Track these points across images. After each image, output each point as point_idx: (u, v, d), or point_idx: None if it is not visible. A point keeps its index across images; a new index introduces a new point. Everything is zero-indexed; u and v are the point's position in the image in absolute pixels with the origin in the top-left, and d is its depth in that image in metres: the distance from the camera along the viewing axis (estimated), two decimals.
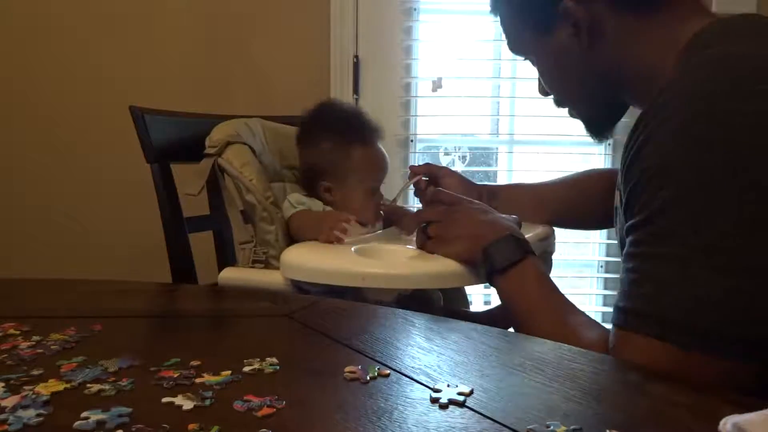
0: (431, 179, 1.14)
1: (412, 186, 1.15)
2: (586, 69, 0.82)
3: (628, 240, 0.68)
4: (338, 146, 1.10)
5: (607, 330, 0.74)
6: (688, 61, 0.70)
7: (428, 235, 0.93)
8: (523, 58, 0.93)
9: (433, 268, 0.90)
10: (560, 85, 0.89)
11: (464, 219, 0.91)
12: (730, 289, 0.60)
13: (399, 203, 1.16)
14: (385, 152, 1.14)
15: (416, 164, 1.22)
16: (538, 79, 0.92)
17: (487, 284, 0.88)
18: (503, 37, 0.94)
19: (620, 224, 0.76)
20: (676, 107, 0.65)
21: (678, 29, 0.74)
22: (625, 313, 0.66)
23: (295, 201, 1.07)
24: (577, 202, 1.14)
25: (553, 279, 0.85)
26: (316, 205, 1.09)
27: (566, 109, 0.93)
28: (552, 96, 0.91)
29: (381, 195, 1.14)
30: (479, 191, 1.14)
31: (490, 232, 0.87)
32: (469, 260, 0.88)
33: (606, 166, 1.83)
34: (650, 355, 0.63)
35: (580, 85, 0.85)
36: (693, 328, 0.61)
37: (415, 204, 1.59)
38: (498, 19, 0.93)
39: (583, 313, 0.80)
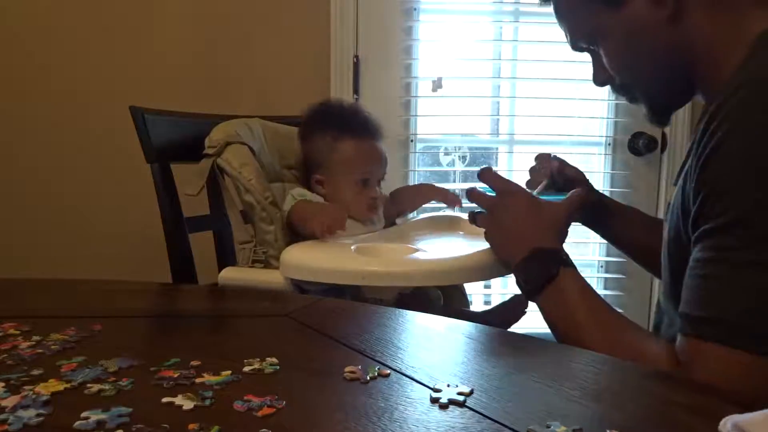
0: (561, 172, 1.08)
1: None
2: (661, 43, 0.77)
3: (703, 244, 0.65)
4: (328, 139, 1.10)
5: (668, 341, 0.71)
6: (764, 58, 0.67)
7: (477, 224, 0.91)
8: (585, 47, 0.87)
9: (432, 266, 0.90)
10: (631, 62, 0.82)
11: (500, 221, 0.87)
12: None
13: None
14: (380, 146, 1.13)
15: (545, 153, 1.13)
16: (595, 67, 0.87)
17: (488, 284, 0.88)
18: (562, 33, 0.88)
19: (673, 223, 0.73)
20: (754, 108, 0.62)
21: (750, 18, 0.71)
22: (706, 323, 0.62)
23: (297, 194, 1.07)
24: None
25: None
26: (317, 200, 1.09)
27: (624, 100, 0.88)
28: (615, 80, 0.85)
29: (376, 189, 1.13)
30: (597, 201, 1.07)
31: (519, 246, 0.83)
32: (508, 269, 0.86)
33: (606, 167, 1.84)
34: (735, 367, 0.60)
35: (653, 61, 0.80)
36: None
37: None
38: (552, 8, 0.87)
39: (635, 325, 0.77)
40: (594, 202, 1.05)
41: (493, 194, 0.90)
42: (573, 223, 1.04)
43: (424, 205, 1.32)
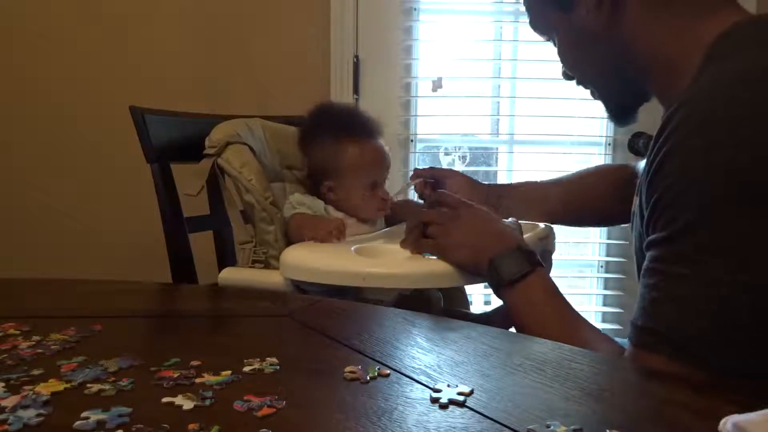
0: (436, 182, 1.13)
1: (413, 188, 1.15)
2: (605, 49, 0.79)
3: (649, 254, 0.67)
4: (333, 145, 1.10)
5: (620, 346, 0.73)
6: (715, 68, 0.67)
7: (425, 235, 0.92)
8: (545, 39, 0.90)
9: (433, 268, 0.90)
10: (579, 64, 0.86)
11: (468, 226, 0.90)
12: (753, 310, 0.59)
13: (402, 195, 1.16)
14: (383, 147, 1.14)
15: (420, 167, 1.20)
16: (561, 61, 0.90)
17: (488, 285, 0.88)
18: (523, 18, 0.94)
19: (637, 230, 0.74)
20: (699, 125, 0.63)
21: (705, 22, 0.71)
22: (644, 332, 0.65)
23: (296, 202, 1.07)
24: (584, 198, 1.14)
25: (554, 280, 0.84)
26: (317, 205, 1.09)
27: (588, 92, 0.91)
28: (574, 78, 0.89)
29: (385, 190, 1.14)
30: (486, 193, 1.13)
31: (496, 243, 0.85)
32: (473, 270, 0.87)
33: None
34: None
35: (599, 66, 0.83)
36: (715, 350, 0.60)
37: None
38: None
39: (593, 328, 0.79)
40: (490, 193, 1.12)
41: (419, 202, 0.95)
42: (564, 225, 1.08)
43: None
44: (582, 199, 1.14)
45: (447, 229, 0.90)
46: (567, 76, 0.90)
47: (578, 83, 0.89)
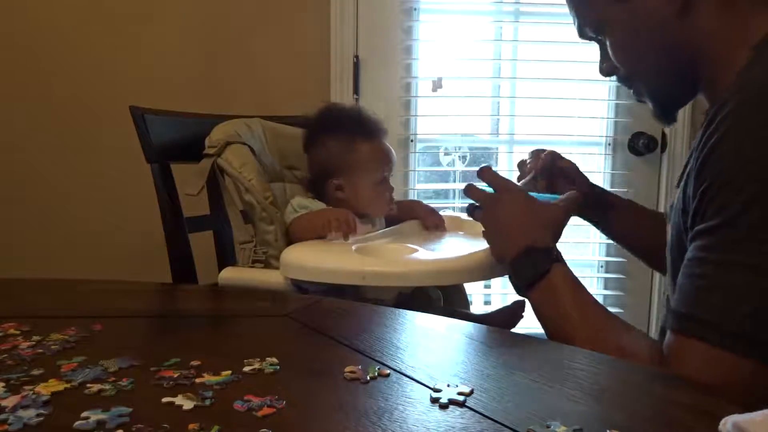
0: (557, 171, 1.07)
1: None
2: (668, 38, 0.77)
3: (696, 244, 0.66)
4: (344, 143, 1.11)
5: (653, 340, 0.72)
6: (766, 61, 0.67)
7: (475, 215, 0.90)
8: (591, 39, 0.87)
9: (432, 266, 0.90)
10: (636, 54, 0.82)
11: (496, 218, 0.87)
12: None
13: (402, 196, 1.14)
14: (388, 144, 1.16)
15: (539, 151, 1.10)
16: (601, 56, 0.87)
17: (488, 284, 0.88)
18: (570, 15, 0.88)
19: (676, 225, 0.74)
20: (753, 109, 0.63)
21: (756, 18, 0.71)
22: (688, 319, 0.64)
23: (298, 205, 1.07)
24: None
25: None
26: (319, 208, 1.09)
27: (630, 92, 0.88)
28: (620, 72, 0.85)
29: (392, 187, 1.15)
30: (592, 191, 1.07)
31: (513, 243, 0.83)
32: (503, 265, 0.86)
33: (606, 167, 1.84)
34: (713, 365, 0.61)
35: (657, 56, 0.80)
36: (763, 341, 0.60)
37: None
38: None
39: (622, 322, 0.78)
40: (595, 196, 1.05)
41: (491, 191, 0.90)
42: (575, 222, 1.04)
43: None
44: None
45: (483, 217, 0.89)
46: (606, 73, 0.87)
47: (623, 80, 0.86)
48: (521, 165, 1.09)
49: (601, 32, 0.84)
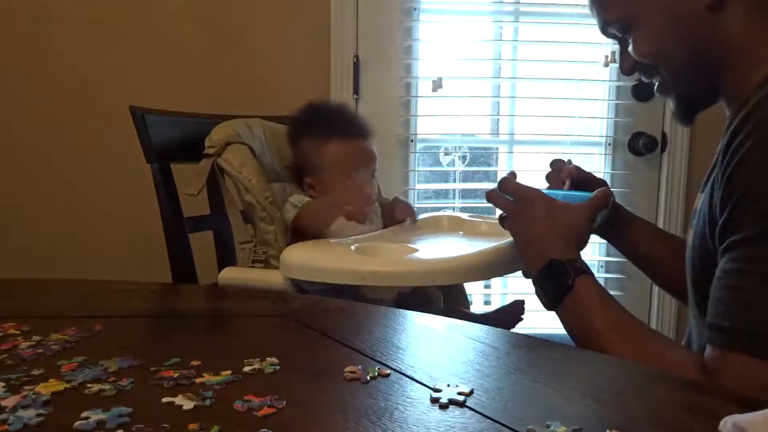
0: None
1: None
2: (699, 33, 0.76)
3: (731, 255, 0.64)
4: (315, 142, 1.11)
5: (692, 351, 0.70)
6: None
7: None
8: (615, 34, 0.84)
9: (432, 266, 0.90)
10: (664, 48, 0.79)
11: (518, 229, 0.86)
12: None
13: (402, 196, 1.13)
14: (367, 145, 1.13)
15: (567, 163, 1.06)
16: (622, 55, 0.84)
17: (488, 284, 0.87)
18: (592, 12, 0.85)
19: (701, 231, 0.72)
20: None
21: None
22: (733, 333, 0.62)
23: (297, 201, 1.07)
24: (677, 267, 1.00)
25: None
26: None
27: (654, 86, 0.84)
28: (642, 66, 0.83)
29: (372, 187, 1.13)
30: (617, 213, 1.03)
31: (535, 258, 0.81)
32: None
33: (606, 166, 1.84)
34: (760, 378, 0.60)
35: (687, 49, 0.78)
36: None
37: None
38: None
39: (656, 332, 0.77)
40: (614, 207, 1.01)
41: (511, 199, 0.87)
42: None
43: (424, 205, 1.32)
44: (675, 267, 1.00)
45: (508, 226, 0.87)
46: (629, 70, 0.84)
47: (646, 72, 0.83)
48: (549, 177, 1.04)
49: (629, 28, 0.81)
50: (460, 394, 0.53)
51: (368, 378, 0.56)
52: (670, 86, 0.82)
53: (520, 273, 0.92)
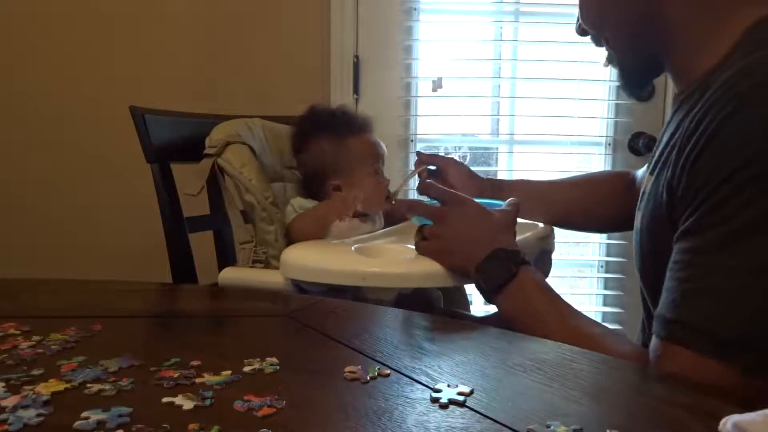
0: (436, 170, 1.13)
1: (417, 177, 1.14)
2: (638, 6, 0.75)
3: (681, 245, 0.63)
4: (335, 142, 1.11)
5: (634, 343, 0.71)
6: (753, 56, 0.64)
7: (423, 236, 0.90)
8: None
9: (433, 267, 0.90)
10: (606, 13, 0.79)
11: (455, 230, 0.87)
12: None
13: (401, 195, 1.15)
14: (378, 138, 1.16)
15: (423, 152, 1.18)
16: (578, 17, 0.84)
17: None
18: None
19: (650, 213, 0.72)
20: (746, 105, 0.59)
21: (740, 8, 0.69)
22: (675, 325, 0.62)
23: (298, 206, 1.08)
24: (582, 202, 1.12)
25: (553, 280, 0.83)
26: None
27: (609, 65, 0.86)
28: (590, 33, 0.83)
29: (387, 180, 1.14)
30: (482, 185, 1.12)
31: (479, 248, 0.82)
32: (465, 277, 0.86)
33: (606, 166, 1.84)
34: (700, 372, 0.59)
35: (627, 18, 0.77)
36: (754, 349, 0.58)
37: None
38: None
39: (600, 325, 0.77)
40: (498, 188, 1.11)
41: (437, 204, 0.90)
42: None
43: None
44: (581, 203, 1.12)
45: (438, 231, 0.88)
46: (583, 31, 0.84)
47: (597, 41, 0.84)
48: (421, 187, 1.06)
49: None
50: (460, 394, 0.53)
51: (368, 378, 0.56)
52: (613, 54, 0.82)
53: None
